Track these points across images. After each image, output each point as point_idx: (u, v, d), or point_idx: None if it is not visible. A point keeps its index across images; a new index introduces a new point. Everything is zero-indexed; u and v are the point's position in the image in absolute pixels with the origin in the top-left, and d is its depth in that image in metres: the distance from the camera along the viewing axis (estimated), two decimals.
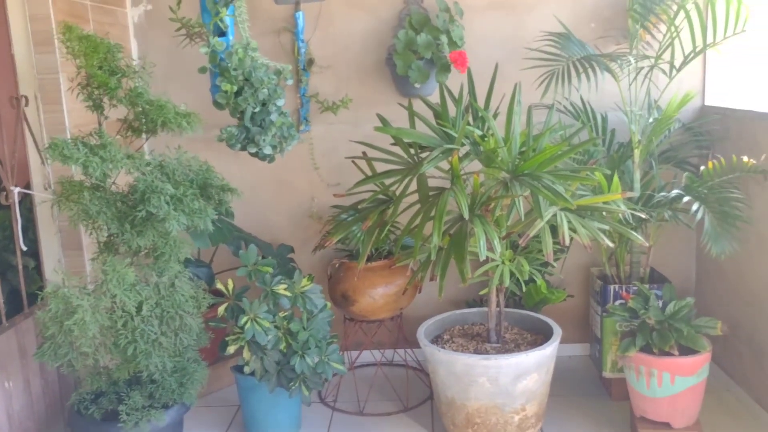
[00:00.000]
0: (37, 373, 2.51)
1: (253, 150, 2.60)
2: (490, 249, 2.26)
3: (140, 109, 2.13)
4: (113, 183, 2.23)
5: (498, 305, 2.67)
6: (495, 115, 2.59)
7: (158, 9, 3.21)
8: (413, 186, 2.42)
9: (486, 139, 2.41)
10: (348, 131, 3.24)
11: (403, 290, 2.83)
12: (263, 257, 2.95)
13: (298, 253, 3.25)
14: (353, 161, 2.72)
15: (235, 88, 2.48)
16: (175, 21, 2.52)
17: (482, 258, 2.21)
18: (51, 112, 2.56)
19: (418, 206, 2.41)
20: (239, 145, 2.60)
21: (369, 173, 2.66)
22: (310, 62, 3.18)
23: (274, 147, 2.63)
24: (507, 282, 2.47)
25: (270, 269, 2.54)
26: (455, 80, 2.91)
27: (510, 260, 2.49)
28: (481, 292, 3.11)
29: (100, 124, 2.25)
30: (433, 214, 2.24)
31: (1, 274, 2.49)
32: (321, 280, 3.23)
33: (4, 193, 2.33)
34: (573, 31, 2.93)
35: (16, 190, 2.34)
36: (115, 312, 2.15)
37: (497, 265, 2.48)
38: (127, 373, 2.29)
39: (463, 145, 2.42)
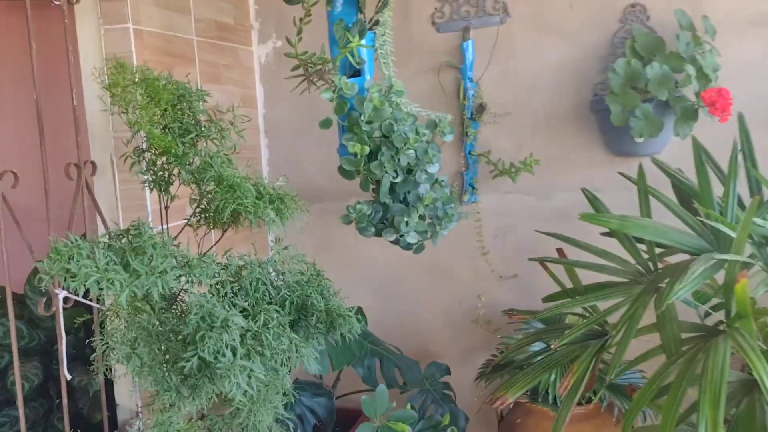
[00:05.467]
0: None
1: (392, 237, 1.78)
2: None
3: (207, 189, 1.37)
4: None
5: None
6: None
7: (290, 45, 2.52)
8: (648, 313, 1.42)
9: None
10: (532, 204, 2.30)
11: None
12: (404, 383, 2.08)
13: (455, 374, 2.33)
14: (542, 264, 1.76)
15: (368, 150, 1.69)
16: (292, 57, 1.76)
17: None
18: (128, 182, 1.90)
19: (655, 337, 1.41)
20: (372, 230, 1.80)
21: (564, 274, 1.70)
22: (481, 108, 2.30)
23: (422, 233, 1.80)
24: None
25: (407, 429, 1.65)
26: (704, 132, 1.87)
27: None
28: None
29: (163, 209, 1.53)
30: (697, 382, 1.22)
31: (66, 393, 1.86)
32: (488, 421, 2.28)
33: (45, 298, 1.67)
34: None
35: (62, 294, 1.67)
36: None
37: None
38: None
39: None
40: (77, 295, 1.32)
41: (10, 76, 2.59)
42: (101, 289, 1.16)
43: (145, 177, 1.47)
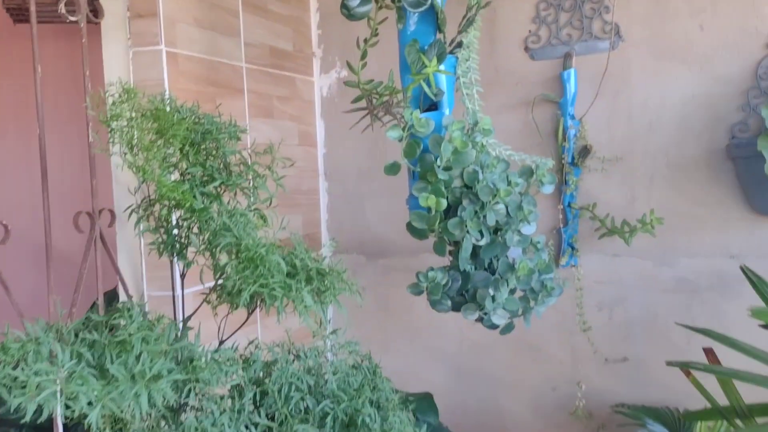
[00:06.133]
0: None
1: (474, 316, 1.41)
2: None
3: (224, 262, 1.00)
4: None
5: None
6: None
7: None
8: None
9: None
10: (647, 271, 1.84)
11: None
12: None
13: None
14: (684, 371, 1.31)
15: (446, 203, 1.32)
16: (352, 86, 1.41)
17: None
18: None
19: None
20: (449, 303, 1.44)
21: (710, 379, 1.24)
22: (585, 152, 1.88)
23: (513, 312, 1.41)
24: None
25: None
26: None
27: None
28: None
29: (177, 276, 1.17)
30: None
31: None
32: None
33: None
34: None
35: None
36: None
37: None
38: None
39: None
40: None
41: (53, 105, 2.34)
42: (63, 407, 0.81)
43: (157, 237, 1.13)
